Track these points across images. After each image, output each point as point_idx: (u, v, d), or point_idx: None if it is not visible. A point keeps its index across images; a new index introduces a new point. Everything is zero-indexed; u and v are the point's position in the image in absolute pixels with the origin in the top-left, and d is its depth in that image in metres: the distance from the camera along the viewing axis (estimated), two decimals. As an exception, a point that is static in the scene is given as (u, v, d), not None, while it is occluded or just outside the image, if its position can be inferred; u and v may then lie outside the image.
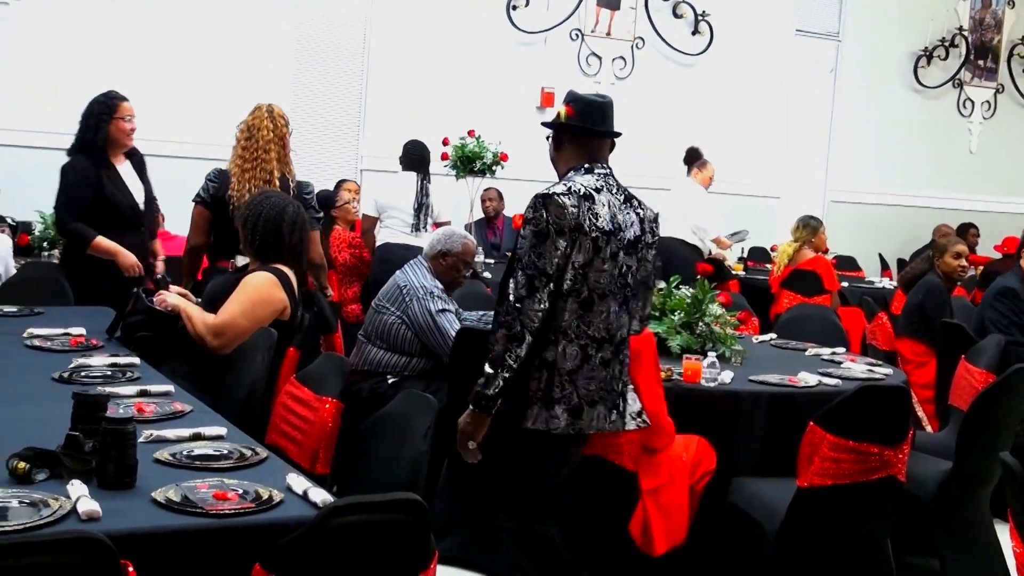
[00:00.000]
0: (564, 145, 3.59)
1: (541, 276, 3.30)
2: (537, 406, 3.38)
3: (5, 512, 2.24)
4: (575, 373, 3.40)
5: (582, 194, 3.38)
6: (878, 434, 3.65)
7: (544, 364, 3.39)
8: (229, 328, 4.12)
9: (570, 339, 3.39)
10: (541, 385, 3.39)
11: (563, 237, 3.32)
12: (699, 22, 11.14)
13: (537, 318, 3.29)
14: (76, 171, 5.33)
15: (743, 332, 5.47)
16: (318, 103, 9.71)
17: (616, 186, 3.51)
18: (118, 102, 5.44)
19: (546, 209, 3.33)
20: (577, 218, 3.33)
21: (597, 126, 3.55)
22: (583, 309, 3.39)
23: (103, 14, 8.67)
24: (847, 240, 11.15)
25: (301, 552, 2.18)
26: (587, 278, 3.38)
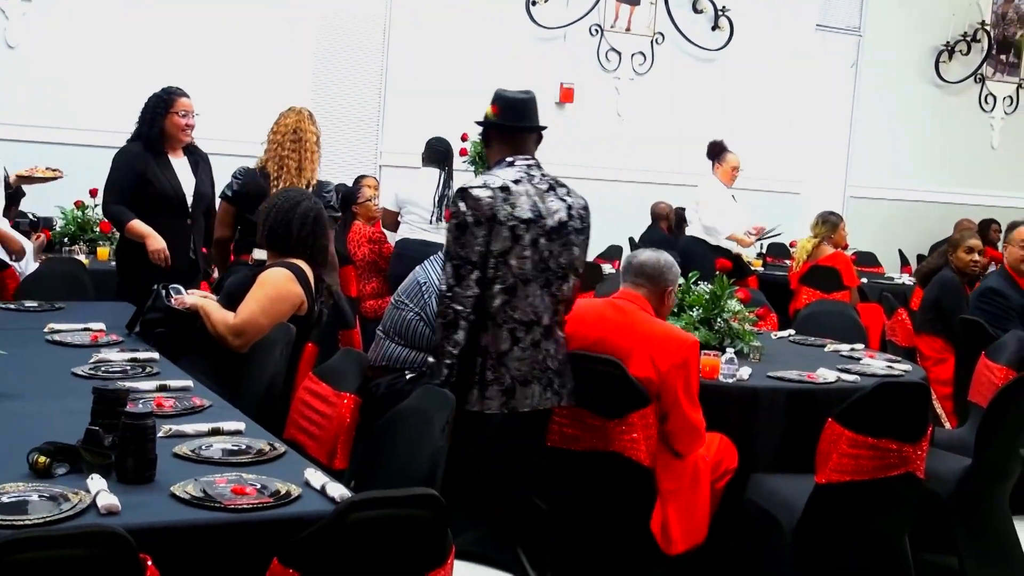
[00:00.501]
0: (492, 142, 3.89)
1: (466, 264, 3.59)
2: (474, 389, 3.64)
3: (25, 506, 2.26)
4: (505, 356, 3.65)
5: (498, 186, 3.64)
6: (897, 430, 3.64)
7: (476, 350, 3.64)
8: (249, 327, 4.13)
9: (498, 324, 3.65)
10: (476, 369, 3.64)
11: (480, 227, 3.59)
12: (719, 17, 11.11)
13: (468, 303, 3.58)
14: (124, 156, 5.41)
15: (761, 328, 5.45)
16: (338, 99, 9.73)
17: (539, 176, 3.74)
18: (175, 97, 5.45)
19: (464, 202, 3.62)
20: (492, 209, 3.59)
21: (520, 122, 3.83)
22: (508, 295, 3.64)
23: (119, 11, 8.70)
24: (867, 236, 11.10)
25: (319, 547, 2.18)
26: (509, 265, 3.63)
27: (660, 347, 3.84)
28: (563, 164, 6.63)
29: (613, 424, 3.78)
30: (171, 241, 5.27)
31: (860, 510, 3.72)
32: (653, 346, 3.84)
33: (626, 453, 3.78)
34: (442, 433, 2.98)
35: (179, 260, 5.33)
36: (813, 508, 3.72)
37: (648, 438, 3.77)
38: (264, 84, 9.10)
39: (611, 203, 10.37)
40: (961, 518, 4.19)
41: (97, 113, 8.65)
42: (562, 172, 6.59)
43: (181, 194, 5.41)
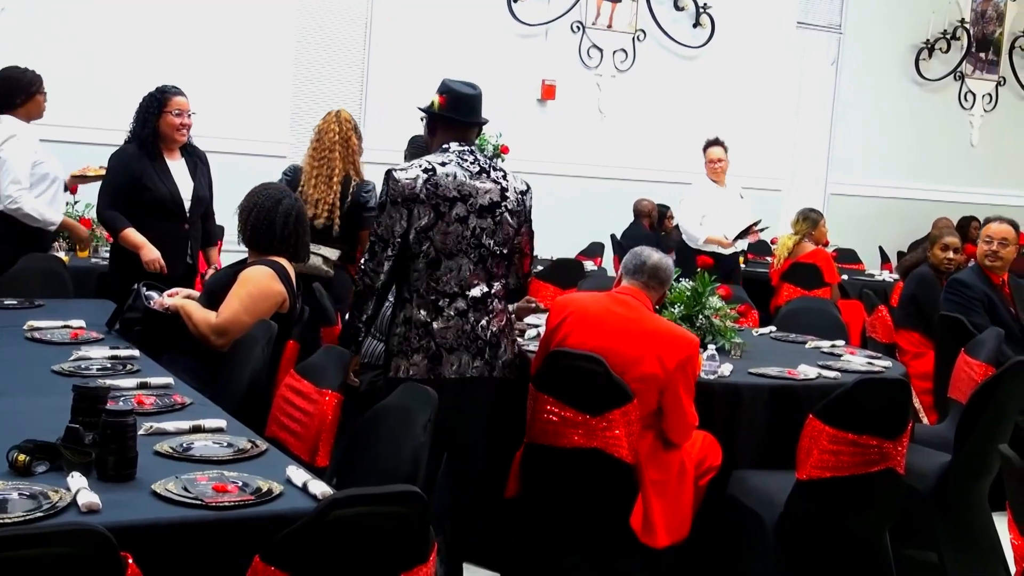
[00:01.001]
0: (437, 131, 4.03)
1: (380, 242, 3.81)
2: (398, 357, 3.85)
3: (5, 504, 2.25)
4: (429, 325, 3.84)
5: (423, 168, 3.83)
6: (877, 427, 3.66)
7: (403, 320, 3.87)
8: (232, 326, 4.12)
9: (421, 295, 3.85)
10: (401, 338, 3.85)
11: (398, 207, 3.79)
12: (700, 14, 11.13)
13: (378, 278, 3.82)
14: (118, 158, 5.30)
15: (743, 325, 5.47)
16: (319, 96, 9.70)
17: (472, 160, 3.93)
18: (169, 96, 5.32)
19: (386, 184, 3.83)
20: (413, 189, 3.78)
21: (466, 117, 4.01)
22: (431, 267, 3.83)
23: (96, 10, 8.66)
24: (847, 233, 11.14)
25: (301, 544, 2.18)
26: (431, 240, 3.81)
27: (667, 345, 3.89)
28: (544, 161, 6.64)
29: (595, 421, 3.78)
30: (167, 247, 5.19)
31: (841, 506, 3.74)
32: (660, 345, 3.89)
33: (608, 450, 3.78)
34: (424, 430, 2.99)
35: (175, 266, 5.24)
36: (794, 504, 3.73)
37: (630, 435, 3.78)
38: (244, 81, 9.07)
39: (592, 200, 10.40)
40: (941, 514, 4.21)
41: (75, 111, 8.60)
42: (543, 168, 6.64)
43: (178, 198, 5.29)
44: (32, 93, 5.77)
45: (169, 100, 5.28)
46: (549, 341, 4.10)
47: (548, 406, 3.87)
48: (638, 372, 3.84)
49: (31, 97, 5.76)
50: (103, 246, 7.10)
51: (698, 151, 9.07)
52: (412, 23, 9.81)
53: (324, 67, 9.74)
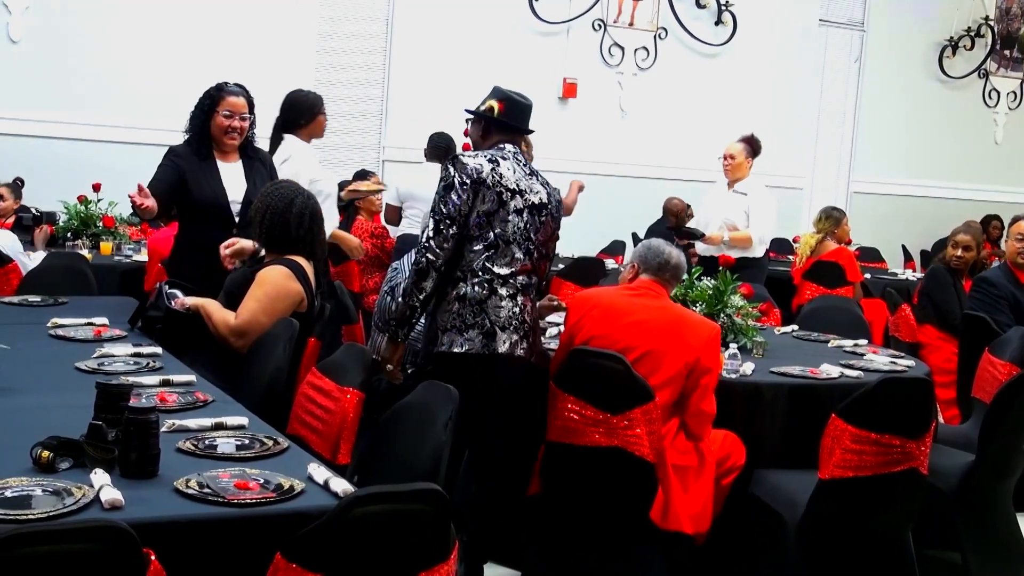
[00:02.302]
0: (492, 134, 4.12)
1: (445, 219, 3.88)
2: (451, 332, 3.91)
3: (29, 500, 2.26)
4: (484, 303, 3.92)
5: (488, 157, 3.96)
6: (900, 426, 3.64)
7: (456, 297, 3.93)
8: (251, 327, 4.13)
9: (477, 275, 3.92)
10: (454, 315, 3.92)
11: (466, 188, 3.88)
12: (722, 12, 11.09)
13: (440, 255, 3.87)
14: (167, 156, 4.93)
15: (765, 323, 5.45)
16: (341, 93, 9.72)
17: (523, 162, 4.06)
18: (223, 95, 4.91)
19: (453, 166, 3.92)
20: (480, 173, 3.89)
21: (522, 124, 4.14)
22: (489, 250, 3.92)
23: (118, 6, 8.70)
24: (870, 231, 11.09)
25: (322, 542, 2.18)
26: (492, 226, 3.90)
27: (692, 330, 4.00)
28: (565, 159, 6.65)
29: (616, 419, 3.78)
30: (211, 251, 4.65)
31: (863, 506, 3.72)
32: (687, 330, 3.99)
33: (629, 448, 3.78)
34: (445, 428, 2.99)
35: (220, 274, 4.64)
36: (816, 504, 3.72)
37: (651, 433, 3.77)
38: (266, 78, 9.08)
39: (613, 199, 10.37)
40: (964, 514, 4.19)
41: (99, 107, 8.65)
42: (564, 167, 6.64)
43: (223, 202, 4.84)
44: (315, 114, 5.77)
45: (222, 99, 4.90)
46: (571, 338, 4.10)
47: (569, 404, 3.87)
48: (667, 361, 3.88)
49: (314, 118, 5.77)
50: (126, 243, 7.14)
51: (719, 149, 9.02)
52: (433, 21, 9.81)
53: (345, 66, 9.75)
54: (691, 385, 3.95)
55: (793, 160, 11.67)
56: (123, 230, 7.31)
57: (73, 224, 7.24)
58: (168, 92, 8.82)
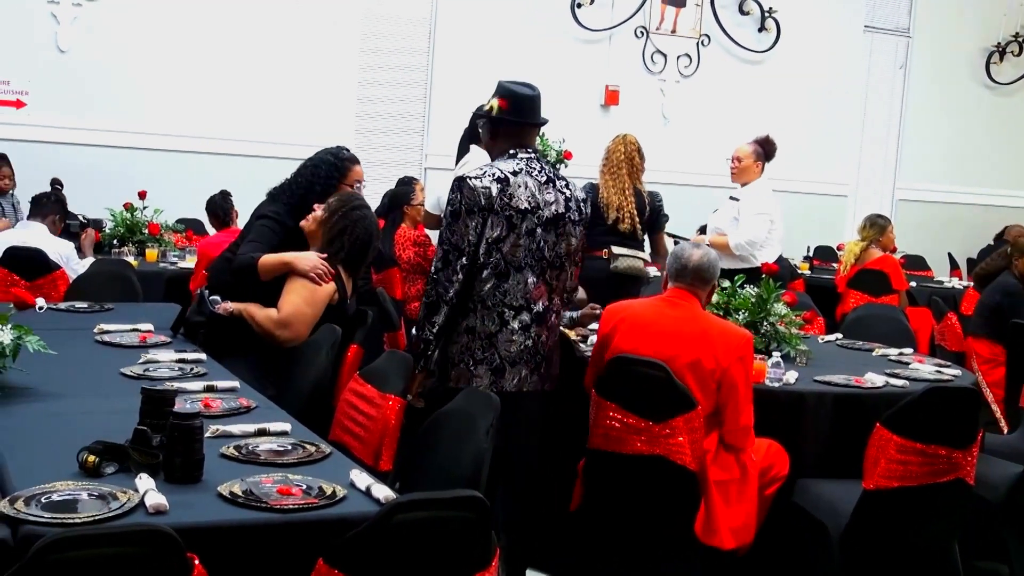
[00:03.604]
0: (498, 135, 3.95)
1: (454, 251, 3.73)
2: (459, 367, 3.82)
3: (75, 504, 2.28)
4: (494, 337, 3.81)
5: (496, 177, 3.76)
6: (946, 436, 3.60)
7: (466, 329, 3.81)
8: (295, 318, 4.17)
9: (488, 307, 3.80)
10: (462, 348, 3.82)
11: (473, 216, 3.72)
12: (765, 19, 11.04)
13: (451, 288, 3.73)
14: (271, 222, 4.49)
15: (808, 332, 5.41)
16: (384, 101, 9.77)
17: (539, 168, 3.85)
18: (350, 166, 4.68)
19: (460, 192, 3.75)
20: (489, 198, 3.72)
21: (528, 119, 3.95)
22: (500, 280, 3.78)
23: (165, 15, 8.79)
24: (916, 239, 10.98)
25: (364, 548, 2.19)
26: (501, 252, 3.76)
27: (722, 342, 3.89)
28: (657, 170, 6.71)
29: (658, 428, 3.76)
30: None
31: (909, 516, 3.68)
32: (715, 342, 3.88)
33: (671, 457, 3.76)
34: (486, 435, 2.99)
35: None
36: (861, 514, 3.68)
37: (694, 442, 3.75)
38: (310, 87, 9.16)
39: (656, 206, 10.33)
40: (1012, 525, 4.12)
41: (146, 116, 8.75)
42: (607, 174, 6.64)
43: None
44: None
45: (350, 170, 4.66)
46: (602, 349, 4.08)
47: (611, 412, 3.85)
48: (696, 372, 3.83)
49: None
50: (171, 250, 7.20)
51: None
52: (475, 29, 9.84)
53: (388, 73, 9.80)
54: (724, 398, 3.88)
55: (837, 167, 11.59)
56: (168, 237, 7.38)
57: (119, 231, 7.33)
58: (213, 101, 8.92)
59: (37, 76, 8.45)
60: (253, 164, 8.45)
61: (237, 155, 8.75)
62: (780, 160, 10.98)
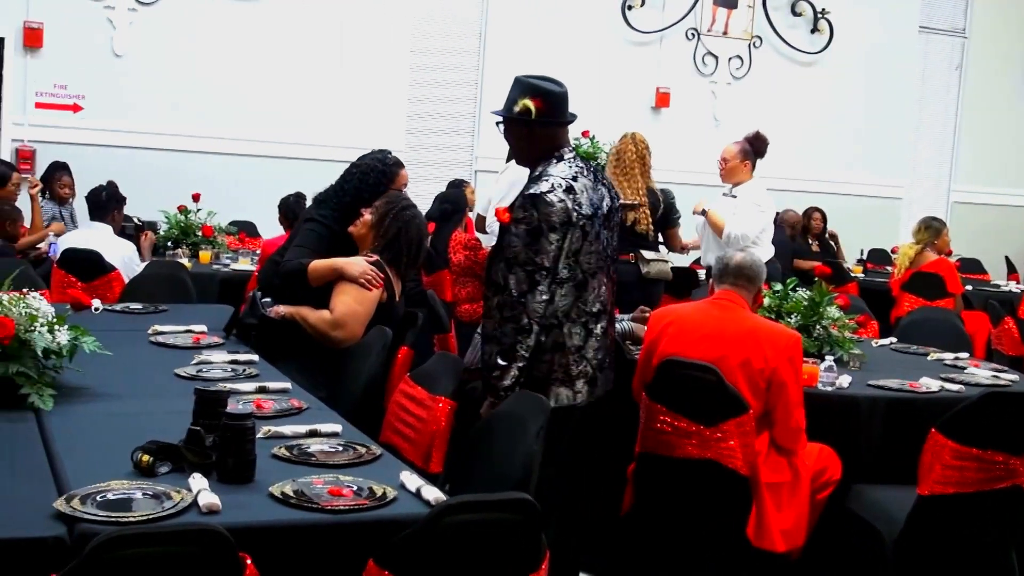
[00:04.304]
0: (535, 137, 3.79)
1: (540, 271, 3.58)
2: (556, 385, 3.66)
3: (130, 503, 2.31)
4: (583, 348, 3.71)
5: (565, 188, 3.62)
6: (1004, 442, 3.54)
7: (554, 347, 3.66)
8: (349, 317, 4.19)
9: (572, 320, 3.68)
10: (555, 367, 3.67)
11: (555, 232, 3.58)
12: (818, 20, 10.95)
13: (541, 309, 3.58)
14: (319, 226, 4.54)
15: (862, 336, 5.35)
16: (434, 103, 9.81)
17: (585, 166, 3.76)
18: (397, 170, 4.72)
19: (536, 209, 3.58)
20: (566, 212, 3.59)
21: (564, 117, 3.81)
22: (579, 290, 3.68)
23: (220, 20, 8.88)
24: (971, 242, 10.84)
25: (414, 549, 2.19)
26: (579, 263, 3.66)
27: (769, 342, 3.86)
28: (658, 169, 6.62)
29: (709, 431, 3.74)
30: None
31: (964, 523, 3.62)
32: (763, 342, 3.86)
33: (722, 461, 3.73)
34: (536, 437, 2.98)
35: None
36: (915, 520, 3.63)
37: (745, 446, 3.72)
38: (360, 90, 9.21)
39: (707, 208, 10.28)
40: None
41: (199, 119, 8.84)
42: (657, 177, 6.60)
43: None
44: None
45: (397, 175, 4.71)
46: (649, 354, 4.07)
47: (661, 416, 3.83)
48: (745, 372, 3.82)
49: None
50: (224, 252, 7.27)
51: (816, 158, 8.92)
52: (526, 31, 9.84)
53: (439, 75, 9.83)
54: (773, 398, 3.85)
55: (892, 170, 11.46)
56: (221, 239, 7.45)
57: (173, 233, 7.41)
58: (265, 104, 9.00)
59: (93, 81, 8.57)
60: (304, 167, 8.51)
61: (289, 158, 8.81)
62: (834, 162, 11.01)
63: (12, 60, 8.42)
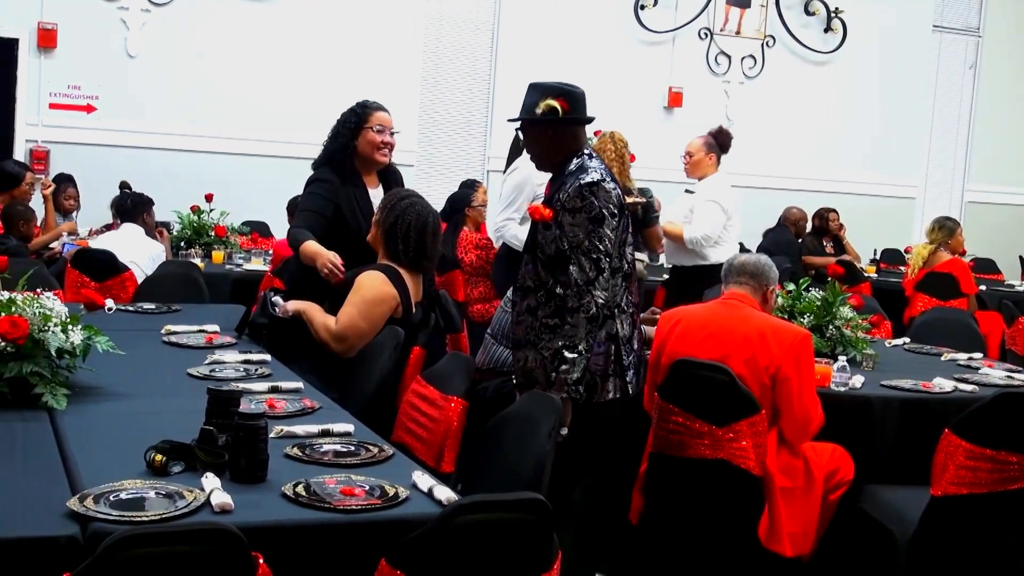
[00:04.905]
0: (560, 137, 3.79)
1: (605, 257, 3.60)
2: (612, 378, 3.67)
3: (142, 502, 2.31)
4: (631, 339, 3.75)
5: (608, 179, 3.68)
6: (1018, 443, 3.53)
7: (609, 338, 3.67)
8: (350, 332, 4.15)
9: (623, 311, 3.71)
10: (611, 358, 3.68)
11: (615, 218, 3.63)
12: (832, 19, 10.93)
13: (607, 295, 3.60)
14: (315, 185, 4.65)
15: (875, 336, 5.34)
16: (446, 103, 9.81)
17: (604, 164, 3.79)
18: (371, 111, 4.72)
19: (595, 196, 3.61)
20: (620, 199, 3.67)
21: (586, 114, 3.84)
22: (627, 282, 3.73)
23: (233, 20, 8.90)
24: (985, 242, 10.80)
25: (426, 549, 2.19)
26: (624, 254, 3.71)
27: (775, 339, 3.86)
28: (671, 168, 6.62)
29: (721, 431, 3.73)
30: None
31: (978, 524, 3.61)
32: (769, 339, 3.86)
33: (734, 461, 3.73)
34: (548, 437, 2.98)
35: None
36: (929, 521, 3.62)
37: (757, 446, 3.72)
38: (372, 90, 9.19)
39: (720, 208, 10.26)
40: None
41: (212, 120, 8.86)
42: (670, 176, 6.61)
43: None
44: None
45: (370, 115, 4.71)
46: (659, 355, 4.07)
47: (673, 416, 3.83)
48: (751, 369, 3.82)
49: None
50: (237, 252, 7.29)
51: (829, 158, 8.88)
52: (538, 31, 9.84)
53: (451, 76, 9.84)
54: (780, 394, 3.84)
55: (905, 169, 11.44)
56: (234, 239, 7.47)
57: (186, 233, 7.43)
58: (278, 105, 9.02)
59: (107, 81, 8.60)
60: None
61: (301, 158, 8.77)
62: (847, 162, 10.99)
63: (26, 61, 8.46)
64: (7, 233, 6.48)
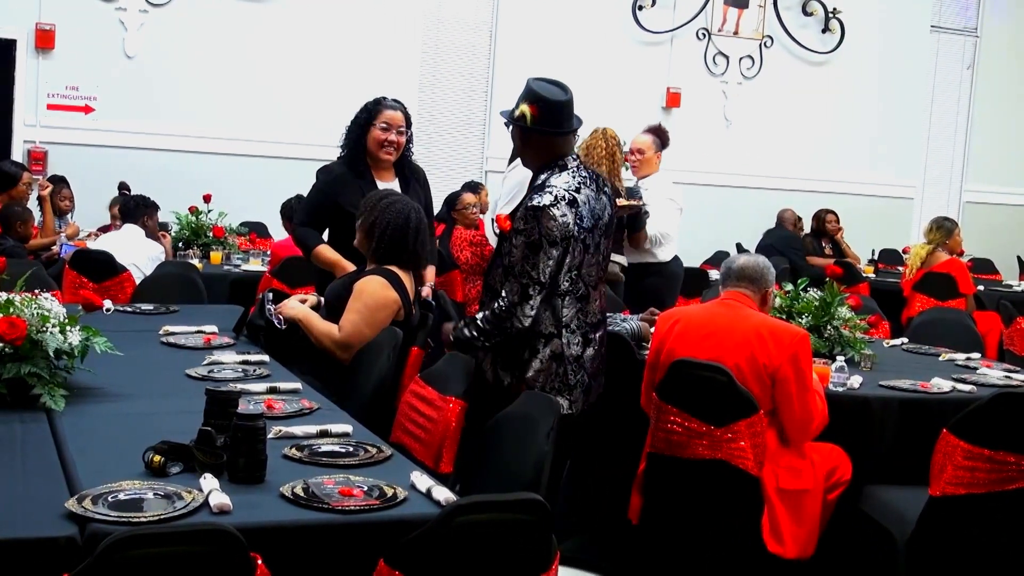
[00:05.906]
0: (531, 144, 3.80)
1: (534, 284, 3.61)
2: (553, 396, 3.60)
3: (141, 503, 2.31)
4: (581, 358, 3.75)
5: (568, 200, 3.61)
6: (1016, 443, 3.53)
7: (553, 357, 3.71)
8: (355, 339, 4.13)
9: (572, 331, 3.72)
10: (552, 377, 3.72)
11: (555, 247, 3.59)
12: (830, 19, 10.94)
13: (526, 321, 3.63)
14: (321, 176, 4.88)
15: (873, 336, 5.34)
16: (445, 104, 9.81)
17: (588, 174, 3.73)
18: (380, 108, 4.79)
19: (537, 222, 3.58)
20: (567, 228, 3.59)
21: (561, 128, 3.74)
22: (581, 302, 3.71)
23: (231, 21, 8.90)
24: (983, 242, 10.82)
25: (424, 549, 2.19)
26: (581, 275, 3.69)
27: (773, 340, 3.85)
28: (669, 169, 6.59)
29: (720, 432, 3.73)
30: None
31: (976, 524, 3.61)
32: (766, 340, 3.85)
33: (733, 461, 3.73)
34: (547, 438, 2.98)
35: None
36: (927, 521, 3.62)
37: (756, 447, 3.72)
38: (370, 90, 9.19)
39: (718, 208, 10.28)
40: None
41: (210, 120, 8.86)
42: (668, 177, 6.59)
43: None
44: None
45: (380, 112, 4.77)
46: (657, 356, 4.07)
47: (672, 416, 3.83)
48: (750, 368, 3.81)
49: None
50: (235, 253, 7.28)
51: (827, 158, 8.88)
52: (537, 32, 9.85)
53: (449, 76, 9.84)
54: (777, 396, 3.83)
55: (903, 170, 11.45)
56: (232, 240, 7.46)
57: (184, 234, 7.43)
58: (276, 105, 9.02)
59: (105, 82, 8.60)
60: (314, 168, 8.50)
61: (300, 159, 8.82)
62: (845, 162, 11.00)
63: (24, 62, 8.46)
64: (5, 234, 6.47)
